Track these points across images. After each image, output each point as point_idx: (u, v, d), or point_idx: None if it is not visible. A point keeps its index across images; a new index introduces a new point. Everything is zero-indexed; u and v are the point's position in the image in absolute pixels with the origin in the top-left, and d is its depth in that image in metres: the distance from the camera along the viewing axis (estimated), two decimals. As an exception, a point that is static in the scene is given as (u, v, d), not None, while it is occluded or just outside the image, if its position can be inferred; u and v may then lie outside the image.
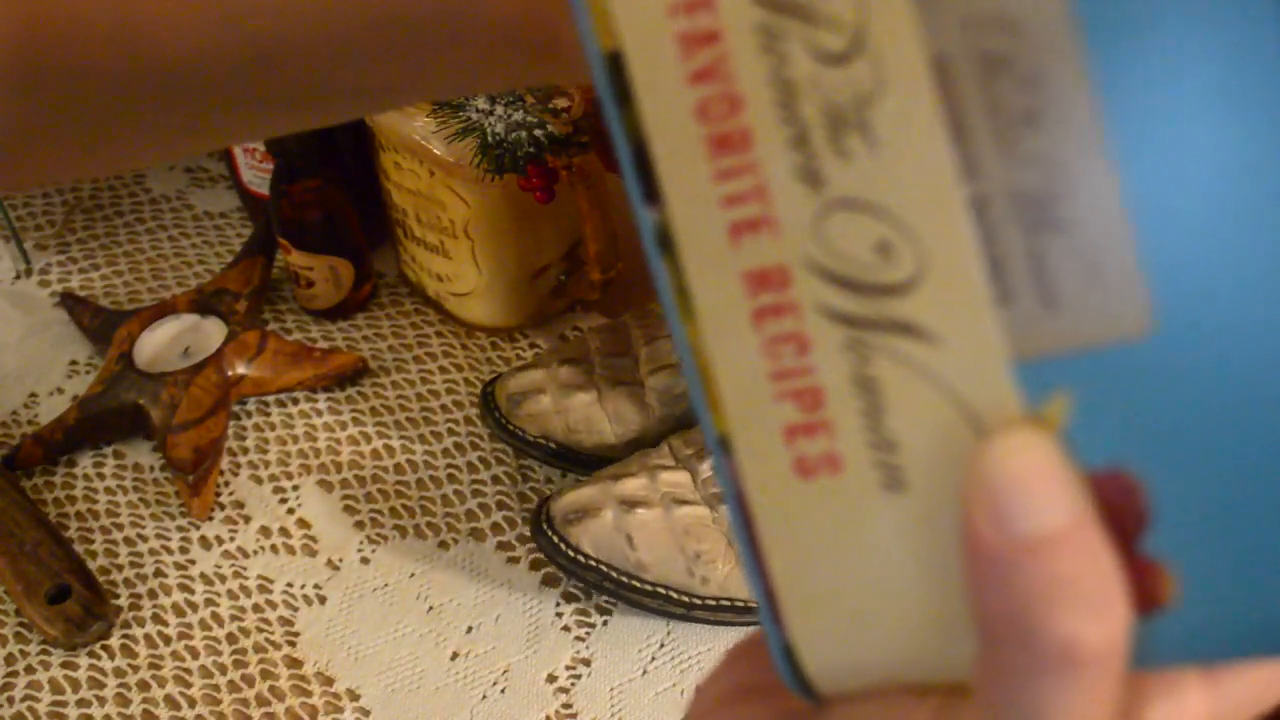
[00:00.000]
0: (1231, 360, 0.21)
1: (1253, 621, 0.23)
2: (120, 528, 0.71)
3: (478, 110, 0.67)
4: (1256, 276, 0.21)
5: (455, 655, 0.65)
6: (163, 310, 0.78)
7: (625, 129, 0.24)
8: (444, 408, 0.76)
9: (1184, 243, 0.21)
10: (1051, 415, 0.23)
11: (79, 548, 0.70)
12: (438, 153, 0.71)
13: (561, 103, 0.68)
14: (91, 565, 0.69)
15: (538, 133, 0.67)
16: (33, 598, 0.65)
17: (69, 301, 0.81)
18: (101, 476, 0.73)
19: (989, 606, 0.22)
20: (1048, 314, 0.22)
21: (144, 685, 0.64)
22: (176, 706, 0.63)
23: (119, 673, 0.64)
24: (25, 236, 0.89)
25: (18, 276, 0.86)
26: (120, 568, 0.69)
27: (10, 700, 0.63)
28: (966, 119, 0.22)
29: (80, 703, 0.63)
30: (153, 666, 0.65)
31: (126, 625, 0.66)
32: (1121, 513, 0.22)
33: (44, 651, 0.65)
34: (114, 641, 0.66)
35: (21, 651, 0.65)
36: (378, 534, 0.70)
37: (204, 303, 0.79)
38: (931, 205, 0.22)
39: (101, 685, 0.64)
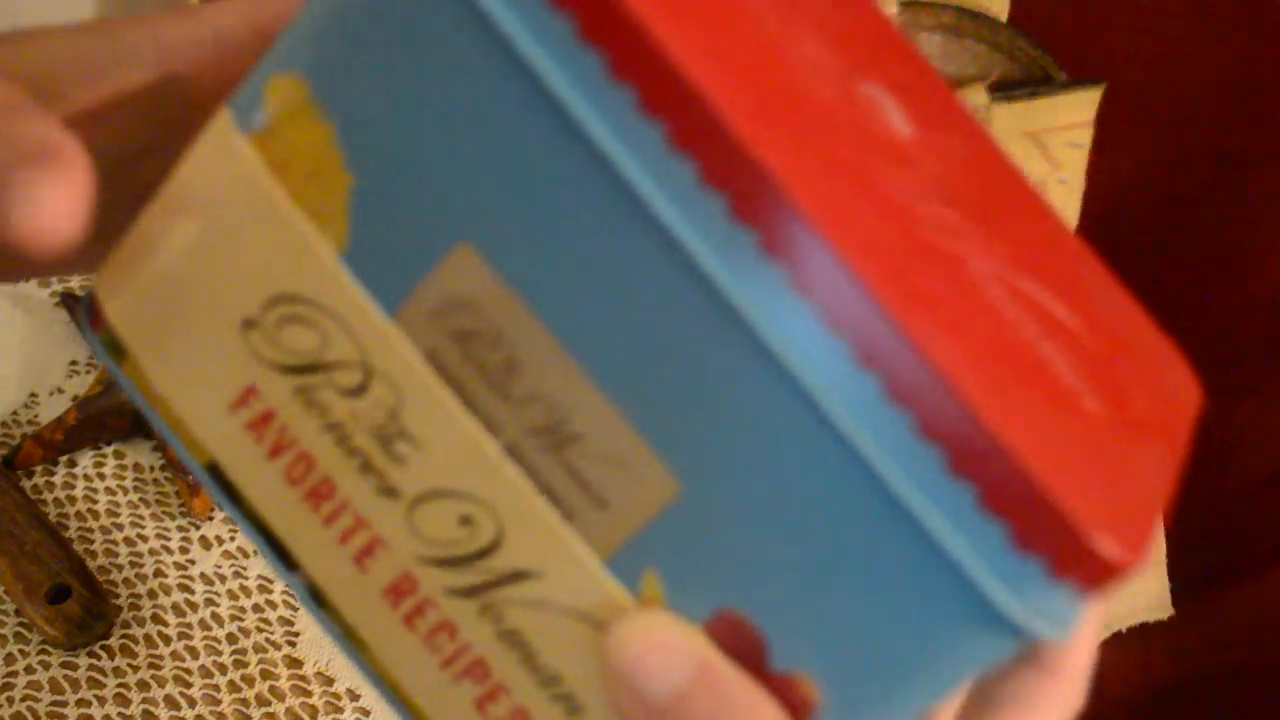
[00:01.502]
0: (757, 487, 0.24)
1: (887, 703, 0.25)
2: (120, 528, 0.71)
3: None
4: (743, 418, 0.24)
5: (455, 655, 0.65)
6: (163, 310, 0.78)
7: (246, 519, 0.28)
8: (444, 408, 0.76)
9: (674, 414, 0.25)
10: (649, 593, 0.26)
11: (79, 548, 0.69)
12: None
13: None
14: (91, 565, 0.68)
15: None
16: (33, 598, 0.65)
17: (69, 301, 0.81)
18: (101, 476, 0.73)
19: None
20: (605, 513, 0.26)
21: (144, 685, 0.64)
22: (176, 706, 0.63)
23: (119, 673, 0.64)
24: None
25: (18, 276, 0.86)
26: (120, 568, 0.69)
27: (10, 700, 0.63)
28: (469, 389, 0.26)
29: (80, 703, 0.63)
30: (153, 666, 0.65)
31: (126, 625, 0.66)
32: (745, 646, 0.25)
33: (44, 651, 0.65)
34: (114, 641, 0.66)
35: (21, 651, 0.65)
36: (378, 534, 0.70)
37: (204, 303, 0.79)
38: (478, 470, 0.26)
39: (101, 685, 0.64)
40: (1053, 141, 0.50)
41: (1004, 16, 0.55)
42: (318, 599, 0.28)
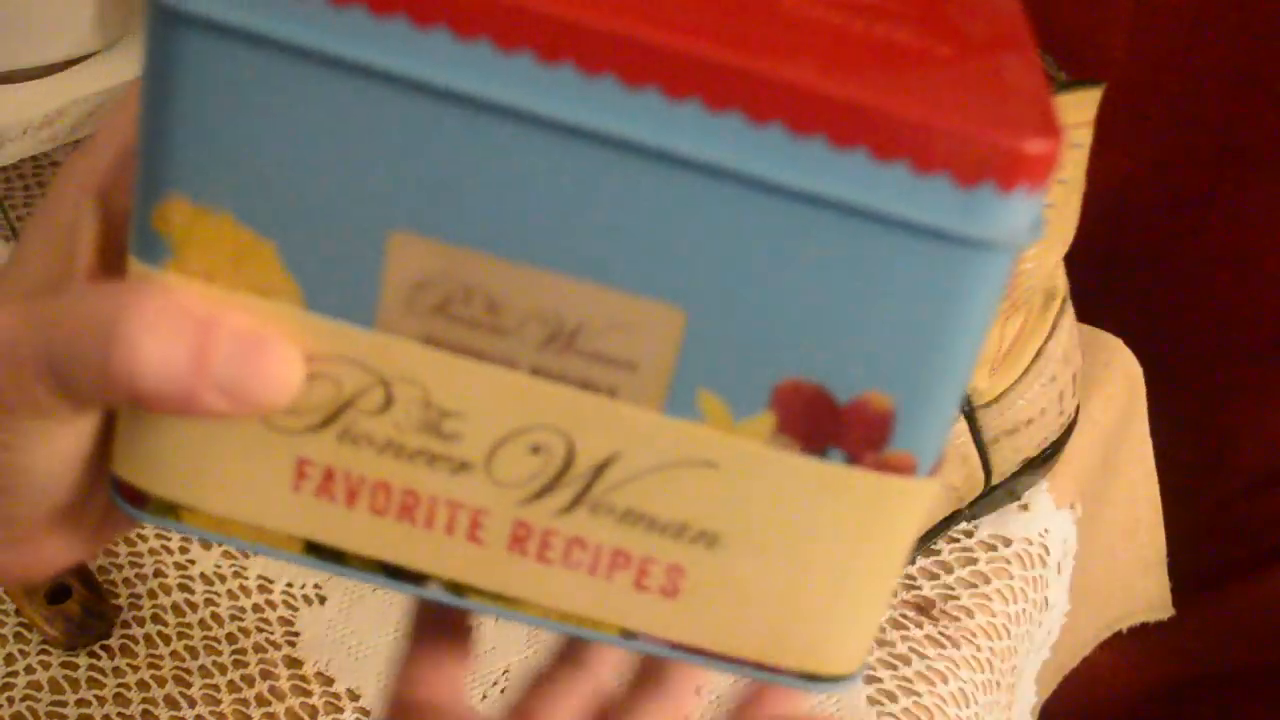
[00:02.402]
0: (737, 269, 0.27)
1: (946, 366, 0.28)
2: (120, 528, 0.71)
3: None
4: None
5: (455, 655, 0.65)
6: (163, 310, 0.78)
7: (358, 569, 0.30)
8: (444, 408, 0.76)
9: (635, 255, 0.27)
10: (712, 410, 0.28)
11: (79, 548, 0.70)
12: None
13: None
14: (91, 565, 0.69)
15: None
16: (33, 598, 0.65)
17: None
18: (101, 476, 0.73)
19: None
20: (639, 373, 0.28)
21: (144, 685, 0.64)
22: (176, 706, 0.63)
23: (119, 672, 0.64)
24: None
25: (18, 276, 0.86)
26: (120, 567, 0.69)
27: (10, 700, 0.63)
28: (472, 344, 0.28)
29: (80, 702, 0.63)
30: (152, 666, 0.65)
31: (126, 625, 0.66)
32: (811, 399, 0.28)
33: (44, 651, 0.65)
34: (114, 641, 0.66)
35: (21, 651, 0.65)
36: (378, 534, 0.70)
37: (204, 303, 0.79)
38: (520, 403, 0.29)
39: (101, 685, 0.64)
40: (1053, 141, 0.50)
41: (1004, 16, 0.55)
42: (459, 592, 0.30)
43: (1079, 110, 0.50)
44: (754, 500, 0.29)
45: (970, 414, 0.61)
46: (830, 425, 0.28)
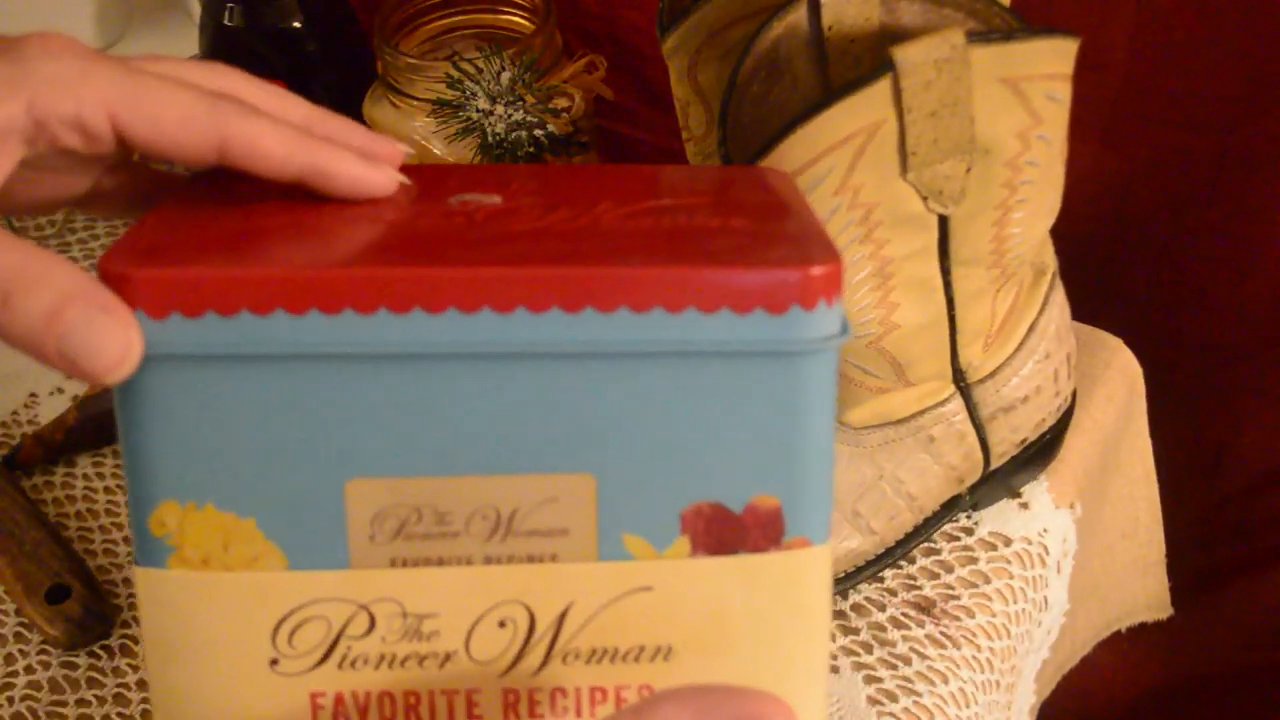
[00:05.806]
0: (625, 430, 0.34)
1: (805, 451, 0.35)
2: (120, 527, 0.71)
3: (478, 110, 0.67)
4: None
5: (455, 655, 0.65)
6: (163, 310, 0.78)
7: None
8: (444, 408, 0.76)
9: (541, 443, 0.34)
10: (635, 548, 0.34)
11: (79, 548, 0.70)
12: (438, 153, 0.71)
13: (562, 103, 0.68)
14: (91, 565, 0.69)
15: (538, 133, 0.67)
16: (33, 598, 0.65)
17: (69, 301, 0.81)
18: (101, 476, 0.73)
19: None
20: (570, 535, 0.34)
21: (144, 685, 0.64)
22: (176, 706, 0.63)
23: (118, 673, 0.64)
24: (25, 235, 0.89)
25: (18, 276, 0.86)
26: (120, 567, 0.69)
27: (10, 700, 0.63)
28: (433, 552, 0.34)
29: (79, 702, 0.63)
30: (152, 666, 0.65)
31: (126, 625, 0.66)
32: (713, 514, 0.34)
33: (44, 651, 0.65)
34: (114, 641, 0.66)
35: (21, 651, 0.65)
36: (378, 534, 0.70)
37: (204, 303, 0.78)
38: (481, 589, 0.34)
39: (101, 685, 0.64)
40: (1032, 91, 0.50)
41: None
42: None
43: (1054, 61, 0.49)
44: (690, 606, 0.34)
45: (965, 390, 0.61)
46: (734, 532, 0.34)
